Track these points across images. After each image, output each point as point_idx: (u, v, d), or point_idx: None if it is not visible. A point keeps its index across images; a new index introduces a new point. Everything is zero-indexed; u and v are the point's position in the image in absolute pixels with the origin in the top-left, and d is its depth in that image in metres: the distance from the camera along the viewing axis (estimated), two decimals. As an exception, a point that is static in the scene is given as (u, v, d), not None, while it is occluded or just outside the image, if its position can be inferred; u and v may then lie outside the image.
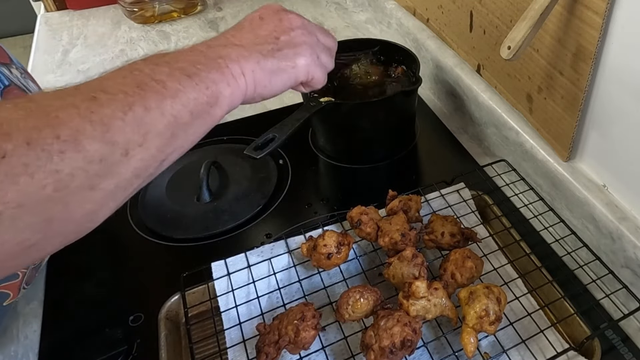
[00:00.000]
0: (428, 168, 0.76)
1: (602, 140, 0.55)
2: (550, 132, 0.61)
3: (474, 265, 0.50)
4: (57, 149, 0.28)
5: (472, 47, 0.75)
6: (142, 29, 1.15)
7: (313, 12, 1.19)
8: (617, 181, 0.54)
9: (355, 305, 0.46)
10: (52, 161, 0.28)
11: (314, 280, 0.55)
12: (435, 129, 0.81)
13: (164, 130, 0.34)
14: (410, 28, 0.90)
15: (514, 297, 0.51)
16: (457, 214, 0.60)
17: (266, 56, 0.41)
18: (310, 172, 0.74)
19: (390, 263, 0.50)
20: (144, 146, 0.33)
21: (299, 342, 0.44)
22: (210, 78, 0.37)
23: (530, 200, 0.62)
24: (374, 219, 0.55)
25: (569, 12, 0.51)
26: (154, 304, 0.55)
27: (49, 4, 1.24)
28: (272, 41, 0.43)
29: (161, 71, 0.35)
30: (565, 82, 0.55)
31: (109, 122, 0.30)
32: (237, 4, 1.24)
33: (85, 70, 1.00)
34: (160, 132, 0.34)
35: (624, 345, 0.50)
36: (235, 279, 0.53)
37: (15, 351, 0.52)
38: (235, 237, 0.64)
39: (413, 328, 0.44)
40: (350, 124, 0.70)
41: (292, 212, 0.67)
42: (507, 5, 0.62)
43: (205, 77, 0.37)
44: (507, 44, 0.51)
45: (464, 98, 0.77)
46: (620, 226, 0.52)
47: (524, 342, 0.47)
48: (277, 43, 0.43)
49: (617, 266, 0.53)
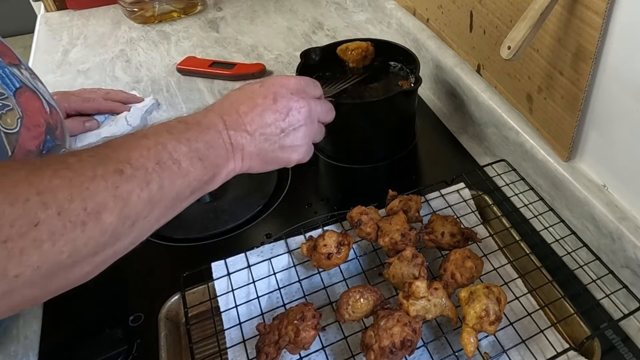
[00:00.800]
0: (428, 168, 0.76)
1: (602, 140, 0.55)
2: (550, 132, 0.61)
3: (474, 265, 0.50)
4: (81, 221, 0.31)
5: (472, 47, 0.75)
6: (142, 29, 1.15)
7: (313, 12, 1.19)
8: (617, 181, 0.54)
9: (355, 305, 0.46)
10: (74, 231, 0.30)
11: (314, 280, 0.55)
12: (435, 129, 0.81)
13: (167, 204, 0.38)
14: (410, 28, 0.90)
15: (514, 297, 0.51)
16: (457, 214, 0.60)
17: (267, 150, 0.46)
18: (310, 172, 0.74)
19: (390, 263, 0.50)
20: (147, 218, 0.36)
21: (299, 342, 0.44)
22: (216, 163, 0.42)
23: (530, 200, 0.62)
24: (374, 219, 0.55)
25: (569, 12, 0.51)
26: (154, 304, 0.55)
27: (49, 4, 1.24)
28: (276, 135, 0.46)
29: (180, 150, 0.38)
30: (565, 82, 0.55)
31: (128, 197, 0.33)
32: (237, 4, 1.24)
33: (85, 71, 1.00)
34: (163, 206, 0.37)
35: (624, 345, 0.50)
36: (235, 279, 0.53)
37: (15, 351, 0.52)
38: (235, 237, 0.64)
39: (413, 328, 0.44)
40: (350, 124, 0.70)
41: (292, 212, 0.67)
42: (507, 5, 0.62)
43: (213, 161, 0.41)
44: (507, 44, 0.51)
45: (464, 98, 0.77)
46: (620, 226, 0.52)
47: (524, 342, 0.47)
48: (279, 139, 0.46)
49: (617, 266, 0.53)
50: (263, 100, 0.46)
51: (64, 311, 0.57)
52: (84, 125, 0.82)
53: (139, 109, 0.86)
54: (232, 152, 0.43)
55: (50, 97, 0.56)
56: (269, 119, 0.45)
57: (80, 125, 0.82)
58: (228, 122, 0.43)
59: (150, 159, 0.36)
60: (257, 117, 0.45)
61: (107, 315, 0.55)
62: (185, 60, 1.00)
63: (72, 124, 0.81)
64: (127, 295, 0.58)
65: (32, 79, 0.54)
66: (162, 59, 1.03)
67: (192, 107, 0.88)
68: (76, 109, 0.82)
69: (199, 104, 0.90)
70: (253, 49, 1.05)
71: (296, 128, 0.47)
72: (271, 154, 0.46)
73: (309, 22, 1.15)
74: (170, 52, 1.05)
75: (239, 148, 0.44)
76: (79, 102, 0.82)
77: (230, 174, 0.44)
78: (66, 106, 0.81)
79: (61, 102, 0.80)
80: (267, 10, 1.21)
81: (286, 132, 0.46)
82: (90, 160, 0.33)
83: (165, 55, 1.05)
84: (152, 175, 0.35)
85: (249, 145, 0.44)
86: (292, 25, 1.14)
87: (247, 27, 1.14)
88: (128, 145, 0.36)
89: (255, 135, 0.45)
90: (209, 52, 1.05)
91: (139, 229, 0.36)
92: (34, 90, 0.52)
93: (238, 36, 1.10)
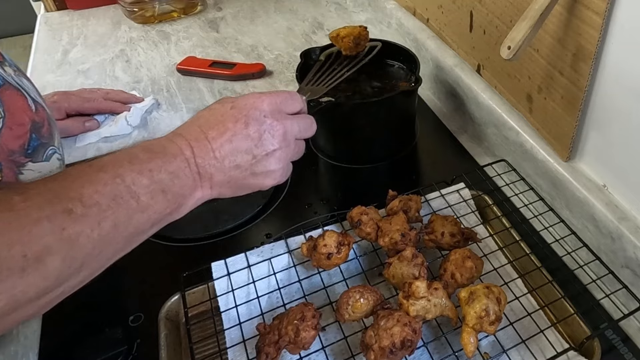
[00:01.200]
0: (428, 168, 0.76)
1: (602, 140, 0.55)
2: (550, 132, 0.61)
3: (474, 265, 0.50)
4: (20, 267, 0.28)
5: (472, 47, 0.75)
6: (142, 29, 1.15)
7: (313, 12, 1.19)
8: (617, 181, 0.54)
9: (355, 306, 0.46)
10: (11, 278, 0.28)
11: (314, 280, 0.55)
12: (435, 129, 0.81)
13: (122, 240, 0.35)
14: (410, 28, 0.90)
15: (514, 297, 0.51)
16: (457, 214, 0.60)
17: (237, 178, 0.43)
18: (310, 172, 0.74)
19: (390, 263, 0.50)
20: (98, 257, 0.33)
21: (299, 342, 0.44)
22: (181, 193, 0.39)
23: (530, 200, 0.62)
24: (374, 219, 0.55)
25: (569, 12, 0.51)
26: (154, 304, 0.55)
27: (49, 4, 1.24)
28: (247, 162, 0.43)
29: (141, 183, 0.36)
30: (565, 82, 0.55)
31: (76, 238, 0.31)
32: (237, 4, 1.24)
33: (85, 71, 1.00)
34: (118, 242, 0.34)
35: (624, 345, 0.50)
36: (235, 279, 0.53)
37: (15, 351, 0.52)
38: (235, 237, 0.64)
39: (413, 328, 0.44)
40: (350, 124, 0.70)
41: (292, 212, 0.67)
42: (507, 5, 0.62)
43: (178, 192, 0.39)
44: (507, 44, 0.51)
45: (464, 98, 0.77)
46: (620, 226, 0.52)
47: (524, 342, 0.47)
48: (251, 165, 0.43)
49: (617, 266, 0.53)
50: (234, 124, 0.42)
51: (64, 311, 0.56)
52: (84, 125, 0.82)
53: (139, 109, 0.86)
54: (199, 181, 0.41)
55: (37, 94, 0.54)
56: (240, 145, 0.42)
57: (80, 125, 0.82)
58: (196, 149, 0.41)
59: (105, 195, 0.33)
60: (226, 143, 0.42)
61: (107, 315, 0.56)
62: (185, 60, 1.00)
63: (72, 124, 0.82)
64: (127, 295, 0.58)
65: (15, 75, 0.52)
66: (162, 59, 1.03)
67: (192, 107, 0.89)
68: (76, 109, 0.82)
69: (199, 103, 0.90)
70: (253, 49, 1.05)
71: (270, 153, 0.44)
72: (242, 182, 0.44)
73: (309, 22, 1.15)
74: (170, 52, 1.05)
75: (207, 177, 0.41)
76: (79, 102, 0.82)
77: (199, 202, 0.42)
78: (66, 106, 0.81)
79: (61, 102, 0.80)
80: (267, 10, 1.21)
81: (258, 159, 0.43)
82: (36, 199, 0.31)
83: (165, 55, 1.05)
84: (106, 212, 0.33)
85: (218, 174, 0.42)
86: (292, 25, 1.14)
87: (247, 27, 1.14)
88: (83, 179, 0.33)
89: (225, 163, 0.42)
90: (209, 52, 1.05)
91: (88, 269, 0.33)
92: (17, 87, 0.50)
93: (238, 36, 1.10)
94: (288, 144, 0.46)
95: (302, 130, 0.48)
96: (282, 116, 0.45)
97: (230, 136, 0.42)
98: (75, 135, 0.82)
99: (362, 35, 0.70)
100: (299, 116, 0.48)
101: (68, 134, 0.82)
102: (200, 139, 0.41)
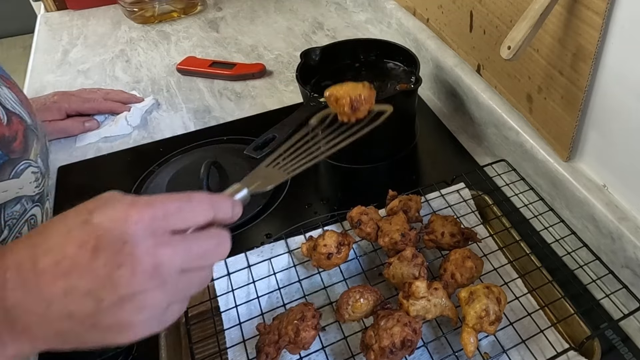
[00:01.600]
0: (428, 168, 0.76)
1: (602, 140, 0.55)
2: (550, 132, 0.61)
3: (474, 265, 0.50)
4: None
5: (472, 47, 0.75)
6: (142, 29, 1.15)
7: (313, 12, 1.19)
8: (617, 181, 0.54)
9: (355, 306, 0.46)
10: None
11: (314, 280, 0.55)
12: (435, 129, 0.81)
13: None
14: (410, 28, 0.90)
15: (514, 297, 0.51)
16: (457, 214, 0.60)
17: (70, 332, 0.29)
18: (310, 172, 0.74)
19: (390, 263, 0.50)
20: None
21: (299, 342, 0.44)
22: None
23: (530, 200, 0.62)
24: (374, 219, 0.55)
25: (569, 12, 0.51)
26: (154, 304, 0.55)
27: (49, 4, 1.24)
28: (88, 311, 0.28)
29: None
30: (565, 82, 0.55)
31: None
32: (237, 4, 1.24)
33: (85, 71, 1.00)
34: None
35: (624, 345, 0.50)
36: (235, 279, 0.53)
37: (15, 351, 0.52)
38: (235, 237, 0.63)
39: (413, 328, 0.44)
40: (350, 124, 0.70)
41: (292, 212, 0.67)
42: (507, 5, 0.62)
43: None
44: (507, 44, 0.51)
45: (464, 98, 0.77)
46: (620, 226, 0.52)
47: (524, 342, 0.47)
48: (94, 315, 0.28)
49: (617, 266, 0.53)
50: (77, 250, 0.28)
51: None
52: (84, 125, 0.82)
53: (139, 109, 0.86)
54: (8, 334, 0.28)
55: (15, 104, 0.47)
56: (78, 284, 0.28)
57: (80, 125, 0.82)
58: (11, 282, 0.28)
59: None
60: (60, 280, 0.28)
61: (107, 315, 0.55)
62: (185, 60, 1.00)
63: (72, 124, 0.82)
64: (127, 295, 0.58)
65: None
66: (162, 59, 1.03)
67: (192, 107, 0.89)
68: (76, 109, 0.82)
69: (199, 103, 0.90)
70: (253, 49, 1.05)
71: (125, 298, 0.28)
72: (79, 338, 0.30)
73: (309, 22, 1.15)
74: (170, 52, 1.05)
75: (22, 329, 0.28)
76: (79, 102, 0.82)
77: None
78: (66, 106, 0.81)
79: (61, 102, 0.80)
80: (267, 10, 1.21)
81: (105, 306, 0.28)
82: None
83: (165, 55, 1.05)
84: None
85: (39, 327, 0.29)
86: (292, 25, 1.14)
87: (247, 27, 1.14)
88: None
89: (53, 309, 0.28)
90: (209, 52, 1.05)
91: None
92: None
93: (238, 36, 1.10)
94: (163, 282, 0.30)
95: (195, 258, 0.32)
96: (160, 240, 0.30)
97: (67, 269, 0.28)
98: (75, 136, 0.82)
99: (362, 99, 0.50)
100: (194, 236, 0.32)
101: (68, 134, 0.82)
102: (26, 268, 0.28)
